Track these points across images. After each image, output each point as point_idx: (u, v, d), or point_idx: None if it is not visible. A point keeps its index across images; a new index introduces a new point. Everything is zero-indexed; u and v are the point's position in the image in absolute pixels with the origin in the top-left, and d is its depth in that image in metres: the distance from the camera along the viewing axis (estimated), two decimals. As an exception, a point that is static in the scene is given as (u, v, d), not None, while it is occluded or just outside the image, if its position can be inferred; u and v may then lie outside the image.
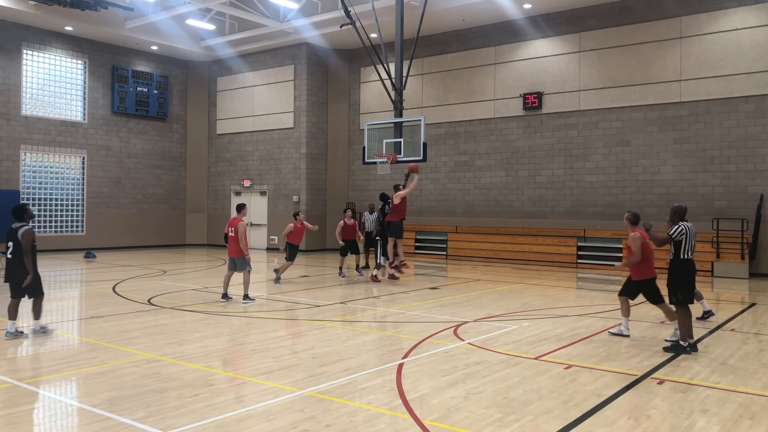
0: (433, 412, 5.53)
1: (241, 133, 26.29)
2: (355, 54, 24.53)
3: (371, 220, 17.92)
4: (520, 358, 7.48)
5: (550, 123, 20.29)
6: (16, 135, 21.95)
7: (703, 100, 17.72)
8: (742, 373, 6.96)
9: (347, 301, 12.11)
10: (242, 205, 12.02)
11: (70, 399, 6.01)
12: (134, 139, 25.39)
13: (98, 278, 15.49)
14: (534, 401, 5.84)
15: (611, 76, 19.16)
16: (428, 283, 15.00)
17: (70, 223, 23.50)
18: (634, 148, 18.79)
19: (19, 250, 8.40)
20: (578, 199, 19.77)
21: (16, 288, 8.55)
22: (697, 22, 17.82)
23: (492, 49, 21.39)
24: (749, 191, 17.04)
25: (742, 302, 12.68)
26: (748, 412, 5.66)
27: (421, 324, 9.75)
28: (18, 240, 8.39)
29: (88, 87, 23.92)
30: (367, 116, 23.77)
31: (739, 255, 16.73)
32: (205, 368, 6.92)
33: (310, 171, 24.31)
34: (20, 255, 8.40)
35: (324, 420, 5.27)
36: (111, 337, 8.50)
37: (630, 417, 5.46)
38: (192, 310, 10.82)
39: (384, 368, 6.99)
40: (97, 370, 6.81)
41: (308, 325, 9.55)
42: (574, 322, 10.00)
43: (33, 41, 22.33)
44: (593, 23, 19.48)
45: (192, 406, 5.60)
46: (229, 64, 26.37)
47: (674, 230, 7.94)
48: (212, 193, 27.28)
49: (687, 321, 7.92)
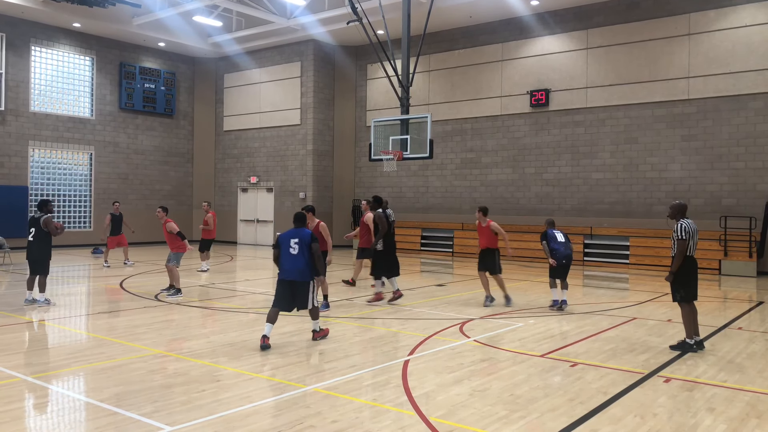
0: (438, 408, 5.53)
1: (247, 129, 26.33)
2: (362, 51, 24.51)
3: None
4: (526, 356, 7.47)
5: (557, 120, 20.23)
6: (25, 131, 22.06)
7: (712, 98, 17.62)
8: (749, 372, 6.93)
9: (353, 297, 12.13)
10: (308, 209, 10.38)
11: (78, 393, 6.04)
12: (141, 136, 25.47)
13: (105, 274, 15.56)
14: (540, 399, 5.84)
15: (619, 73, 19.07)
16: (434, 281, 14.99)
17: (77, 219, 23.62)
18: (641, 145, 18.71)
19: (39, 234, 10.46)
20: (585, 197, 19.70)
21: (34, 264, 10.54)
22: (705, 19, 17.71)
23: (499, 45, 21.33)
24: (758, 189, 16.95)
25: (750, 300, 12.62)
26: (755, 410, 5.64)
27: (427, 321, 9.76)
28: (39, 226, 10.42)
29: (96, 83, 24.00)
30: (373, 113, 23.77)
31: (747, 253, 16.65)
32: (212, 364, 6.95)
33: (316, 168, 24.33)
34: (39, 239, 10.47)
35: (330, 416, 5.28)
36: (118, 333, 8.55)
37: (636, 415, 5.45)
38: (199, 306, 10.86)
39: (390, 365, 7.00)
40: (105, 365, 6.85)
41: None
42: (581, 319, 9.98)
43: (41, 38, 22.41)
44: (601, 20, 19.39)
45: (199, 401, 5.62)
46: (236, 60, 26.41)
47: (680, 231, 7.86)
48: (219, 190, 27.34)
49: (691, 318, 7.89)
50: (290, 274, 7.92)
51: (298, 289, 7.93)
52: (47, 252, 10.66)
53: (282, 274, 7.99)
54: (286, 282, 7.94)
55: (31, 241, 10.56)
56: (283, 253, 7.99)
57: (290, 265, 7.94)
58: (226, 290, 12.95)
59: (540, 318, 10.08)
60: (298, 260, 7.91)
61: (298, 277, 7.90)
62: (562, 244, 10.97)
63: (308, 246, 7.96)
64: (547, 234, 11.08)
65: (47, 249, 10.66)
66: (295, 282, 7.91)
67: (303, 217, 8.43)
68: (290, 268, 7.94)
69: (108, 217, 17.80)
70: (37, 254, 10.52)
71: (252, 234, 26.30)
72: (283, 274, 7.98)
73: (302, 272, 7.90)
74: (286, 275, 7.95)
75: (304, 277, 7.92)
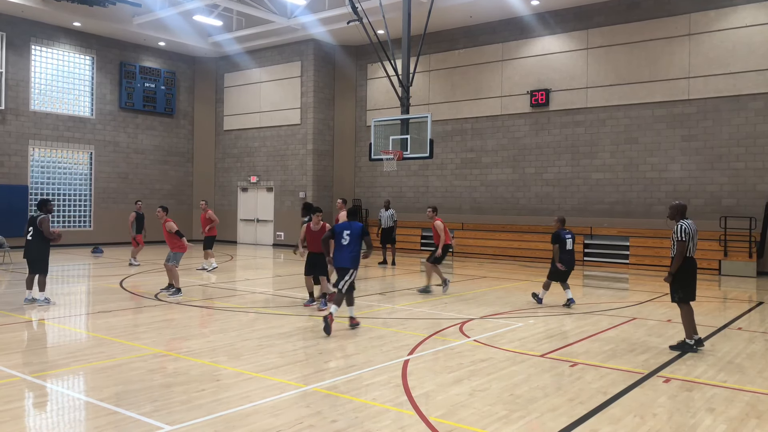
0: (438, 408, 5.53)
1: (247, 129, 26.32)
2: (362, 50, 24.50)
3: (386, 216, 17.92)
4: (526, 356, 7.47)
5: (557, 120, 20.23)
6: (25, 130, 22.06)
7: (712, 98, 17.62)
8: (749, 372, 6.93)
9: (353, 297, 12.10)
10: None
11: (78, 393, 6.04)
12: (141, 135, 25.47)
13: (105, 273, 15.56)
14: (540, 398, 5.84)
15: (619, 73, 19.07)
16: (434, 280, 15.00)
17: (77, 218, 23.61)
18: (641, 145, 18.71)
19: (37, 233, 10.46)
20: (585, 197, 19.70)
21: (31, 264, 10.58)
22: (706, 19, 17.71)
23: (499, 45, 21.33)
24: (758, 189, 16.95)
25: (750, 301, 12.62)
26: (755, 411, 5.64)
27: (426, 321, 9.76)
28: (36, 225, 10.44)
29: (96, 83, 24.00)
30: (373, 113, 23.77)
31: (747, 253, 16.65)
32: (212, 363, 6.94)
33: (316, 167, 24.32)
34: (37, 238, 10.48)
35: (330, 416, 5.28)
36: (118, 332, 8.55)
37: (636, 415, 5.45)
38: (198, 305, 10.86)
39: (390, 364, 7.00)
40: (105, 365, 6.85)
41: (314, 321, 9.56)
42: (581, 319, 9.98)
43: (41, 37, 22.41)
44: (601, 20, 19.38)
45: (198, 401, 5.62)
46: (236, 60, 26.40)
47: (680, 233, 7.85)
48: (219, 189, 27.34)
49: (689, 318, 7.89)
50: (339, 262, 8.97)
51: (342, 274, 8.96)
52: (45, 251, 10.63)
53: (335, 263, 9.07)
54: (339, 269, 9.02)
55: (29, 240, 10.60)
56: (336, 244, 9.05)
57: (340, 254, 8.97)
58: (226, 290, 12.95)
59: (540, 318, 10.08)
60: (347, 250, 8.93)
61: (347, 264, 8.91)
62: (569, 253, 11.11)
63: (359, 237, 8.97)
64: (559, 237, 11.11)
65: (45, 248, 10.63)
66: (342, 268, 8.95)
67: (356, 211, 9.56)
68: (340, 257, 8.97)
69: (132, 215, 17.82)
70: (35, 253, 10.54)
71: (252, 233, 26.30)
72: (335, 262, 9.06)
73: (352, 260, 8.92)
74: (337, 263, 9.03)
75: (351, 264, 8.91)
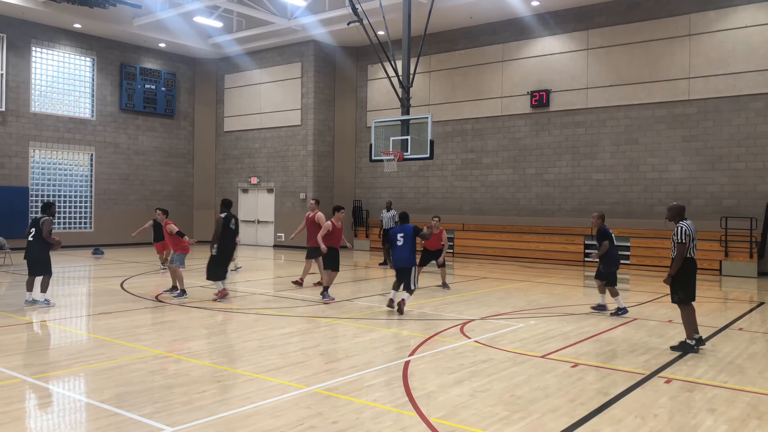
0: (439, 409, 5.53)
1: (248, 130, 26.34)
2: (363, 51, 24.51)
3: (388, 218, 17.90)
4: (527, 356, 7.47)
5: (558, 121, 20.23)
6: (25, 132, 22.08)
7: (712, 98, 17.62)
8: (749, 373, 6.93)
9: (354, 298, 12.13)
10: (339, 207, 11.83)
11: (78, 394, 6.04)
12: (142, 136, 25.49)
13: (106, 275, 15.57)
14: (540, 399, 5.84)
15: (619, 73, 19.07)
16: (435, 281, 14.99)
17: (78, 220, 23.62)
18: (642, 146, 18.70)
19: (38, 234, 10.52)
20: (586, 197, 19.70)
21: (32, 265, 10.62)
22: (706, 20, 17.71)
23: (500, 46, 21.33)
24: (758, 189, 16.94)
25: (751, 301, 12.62)
26: (756, 411, 5.64)
27: (427, 321, 9.75)
28: (39, 227, 10.52)
29: (97, 84, 24.02)
30: (374, 113, 23.77)
31: (748, 254, 16.64)
32: (213, 365, 6.95)
33: (317, 168, 24.33)
34: (39, 239, 10.54)
35: (331, 417, 5.28)
36: (119, 334, 8.55)
37: (637, 416, 5.45)
38: (199, 306, 10.86)
39: (391, 365, 7.00)
40: (105, 366, 6.85)
41: (315, 322, 9.56)
42: (581, 320, 9.98)
43: (42, 38, 22.43)
44: (601, 20, 19.39)
45: (199, 402, 5.63)
46: (236, 61, 26.42)
47: (680, 235, 7.84)
48: (219, 191, 27.34)
49: (690, 318, 7.89)
50: (397, 263, 9.85)
51: (403, 273, 9.81)
52: (46, 253, 10.67)
53: (394, 264, 10.00)
54: (397, 270, 9.96)
55: (30, 241, 10.66)
56: (393, 246, 9.93)
57: (398, 255, 9.83)
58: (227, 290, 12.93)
59: (540, 319, 10.07)
60: (403, 250, 9.77)
61: (404, 264, 9.78)
62: (616, 249, 10.48)
63: (413, 237, 9.77)
64: (607, 232, 10.36)
65: (46, 250, 10.67)
66: (401, 269, 9.80)
67: (406, 216, 10.41)
68: (398, 257, 9.84)
69: (150, 222, 17.28)
70: (36, 255, 10.58)
71: (252, 235, 26.30)
72: (395, 263, 9.96)
73: (407, 260, 9.79)
74: (395, 264, 9.95)
75: (408, 264, 9.79)
